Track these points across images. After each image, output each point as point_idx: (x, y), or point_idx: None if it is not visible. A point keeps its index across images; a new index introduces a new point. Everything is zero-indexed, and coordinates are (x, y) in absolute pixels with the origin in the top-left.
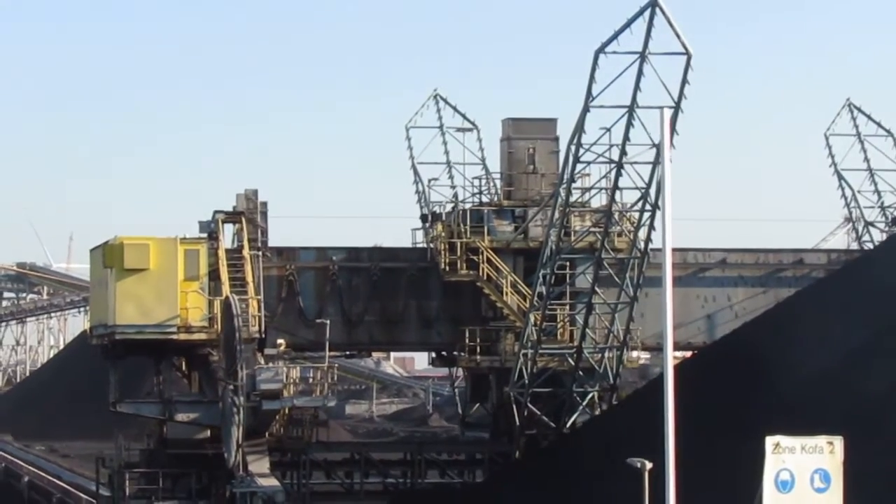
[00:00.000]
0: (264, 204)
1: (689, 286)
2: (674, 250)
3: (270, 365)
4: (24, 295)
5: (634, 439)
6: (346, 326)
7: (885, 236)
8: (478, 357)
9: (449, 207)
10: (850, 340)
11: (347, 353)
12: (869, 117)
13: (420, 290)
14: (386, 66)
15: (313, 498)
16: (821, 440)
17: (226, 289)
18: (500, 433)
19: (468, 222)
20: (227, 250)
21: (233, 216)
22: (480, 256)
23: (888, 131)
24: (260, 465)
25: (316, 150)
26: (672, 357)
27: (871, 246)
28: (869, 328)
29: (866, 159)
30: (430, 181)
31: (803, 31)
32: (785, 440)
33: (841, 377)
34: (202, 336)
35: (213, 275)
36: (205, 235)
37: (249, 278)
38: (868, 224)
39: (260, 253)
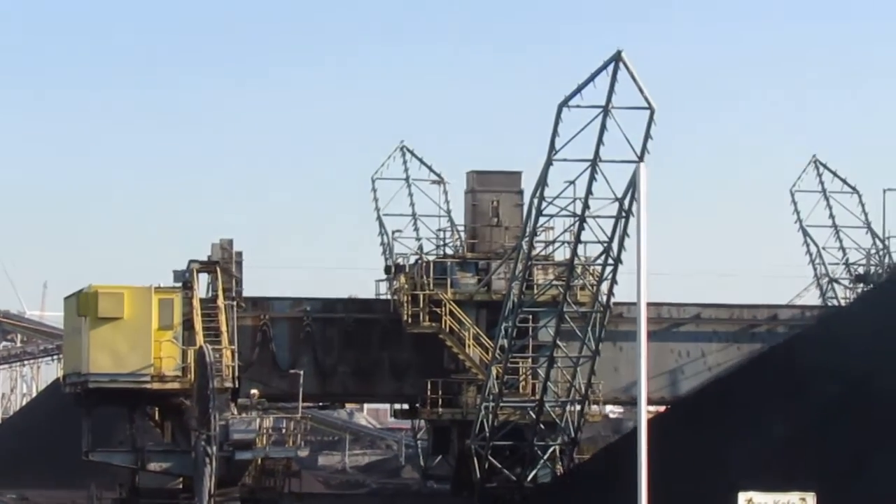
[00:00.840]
0: (239, 254)
1: (663, 340)
2: (648, 305)
3: (243, 415)
4: None
5: (608, 493)
6: (319, 377)
7: (849, 293)
8: (439, 409)
9: (412, 259)
10: (823, 396)
11: (321, 403)
12: (835, 174)
13: (393, 341)
14: (357, 117)
15: None
16: (793, 496)
17: (200, 338)
18: (462, 485)
19: (431, 274)
20: (201, 300)
21: (207, 266)
22: (443, 309)
23: (853, 188)
24: None
25: (291, 201)
26: (646, 411)
27: (835, 303)
28: (841, 384)
29: (832, 216)
30: (393, 233)
31: (774, 86)
32: (758, 496)
33: (813, 433)
34: (175, 385)
35: (188, 324)
36: (179, 285)
37: (224, 328)
38: (832, 280)
39: (234, 303)
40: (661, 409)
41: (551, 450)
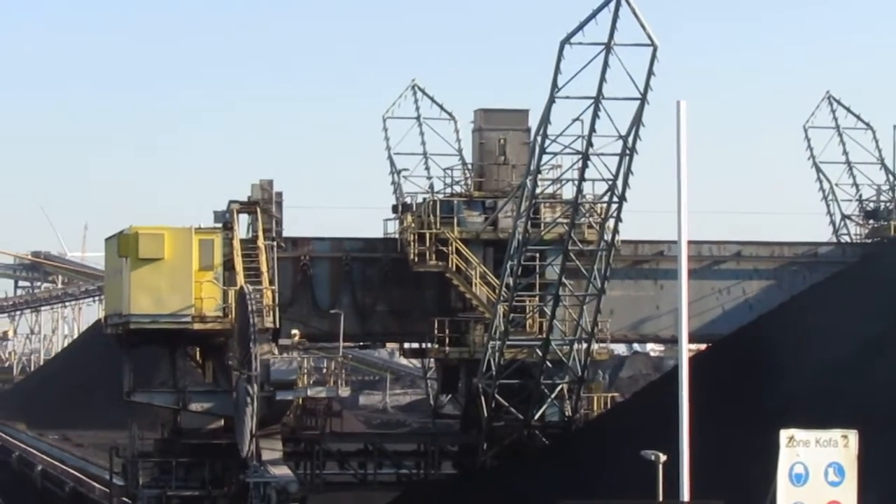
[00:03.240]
0: (279, 194)
1: (703, 279)
2: (689, 243)
3: (284, 355)
4: (38, 284)
5: (649, 431)
6: (359, 317)
7: (861, 230)
8: (447, 348)
9: (420, 198)
10: (865, 333)
11: (361, 343)
12: (848, 110)
13: (434, 281)
14: (387, 59)
15: (326, 488)
16: (835, 434)
17: (240, 279)
18: (471, 424)
19: (438, 213)
20: (241, 240)
21: (248, 206)
22: (449, 247)
23: (867, 124)
24: (273, 455)
25: (332, 141)
26: (687, 349)
27: (847, 239)
28: (883, 321)
29: (845, 152)
30: (400, 171)
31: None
32: (799, 433)
33: (856, 370)
34: (216, 326)
35: (228, 265)
36: (220, 225)
37: (264, 268)
38: (845, 217)
39: (275, 243)
40: (703, 347)
41: (559, 388)
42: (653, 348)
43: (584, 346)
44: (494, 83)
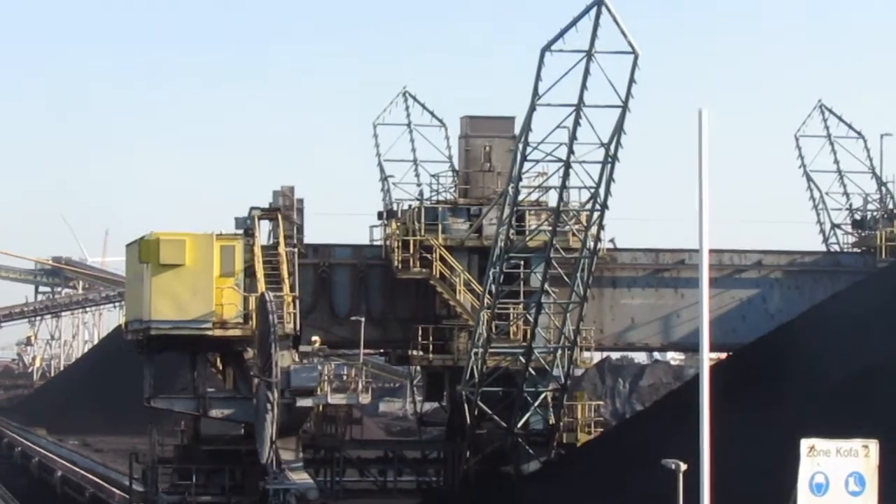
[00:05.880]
0: (301, 201)
1: (724, 287)
2: (710, 252)
3: (305, 362)
4: (59, 289)
5: (669, 440)
6: (379, 324)
7: (850, 238)
8: (430, 355)
9: (407, 205)
10: (887, 343)
11: (382, 351)
12: (840, 119)
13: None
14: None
15: (346, 495)
16: (856, 443)
17: (261, 285)
18: (456, 431)
19: (423, 220)
20: (262, 247)
21: (269, 213)
22: (434, 254)
23: (858, 133)
24: (293, 462)
25: (353, 148)
26: (708, 358)
27: (837, 248)
28: None
29: (836, 161)
30: (386, 178)
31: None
32: (820, 443)
33: (877, 380)
34: (237, 332)
35: (249, 271)
36: (241, 232)
37: (285, 275)
38: (835, 226)
39: (296, 249)
40: (723, 355)
41: (542, 396)
42: (673, 357)
43: (568, 353)
44: (488, 91)
